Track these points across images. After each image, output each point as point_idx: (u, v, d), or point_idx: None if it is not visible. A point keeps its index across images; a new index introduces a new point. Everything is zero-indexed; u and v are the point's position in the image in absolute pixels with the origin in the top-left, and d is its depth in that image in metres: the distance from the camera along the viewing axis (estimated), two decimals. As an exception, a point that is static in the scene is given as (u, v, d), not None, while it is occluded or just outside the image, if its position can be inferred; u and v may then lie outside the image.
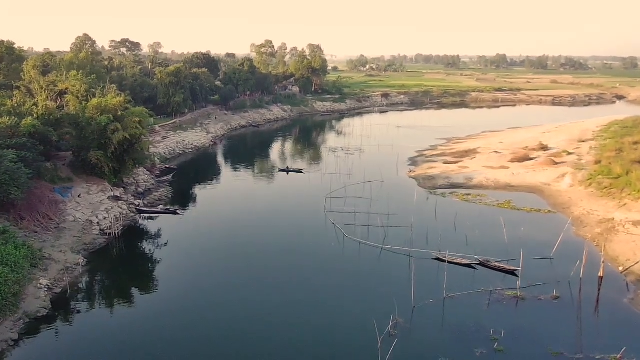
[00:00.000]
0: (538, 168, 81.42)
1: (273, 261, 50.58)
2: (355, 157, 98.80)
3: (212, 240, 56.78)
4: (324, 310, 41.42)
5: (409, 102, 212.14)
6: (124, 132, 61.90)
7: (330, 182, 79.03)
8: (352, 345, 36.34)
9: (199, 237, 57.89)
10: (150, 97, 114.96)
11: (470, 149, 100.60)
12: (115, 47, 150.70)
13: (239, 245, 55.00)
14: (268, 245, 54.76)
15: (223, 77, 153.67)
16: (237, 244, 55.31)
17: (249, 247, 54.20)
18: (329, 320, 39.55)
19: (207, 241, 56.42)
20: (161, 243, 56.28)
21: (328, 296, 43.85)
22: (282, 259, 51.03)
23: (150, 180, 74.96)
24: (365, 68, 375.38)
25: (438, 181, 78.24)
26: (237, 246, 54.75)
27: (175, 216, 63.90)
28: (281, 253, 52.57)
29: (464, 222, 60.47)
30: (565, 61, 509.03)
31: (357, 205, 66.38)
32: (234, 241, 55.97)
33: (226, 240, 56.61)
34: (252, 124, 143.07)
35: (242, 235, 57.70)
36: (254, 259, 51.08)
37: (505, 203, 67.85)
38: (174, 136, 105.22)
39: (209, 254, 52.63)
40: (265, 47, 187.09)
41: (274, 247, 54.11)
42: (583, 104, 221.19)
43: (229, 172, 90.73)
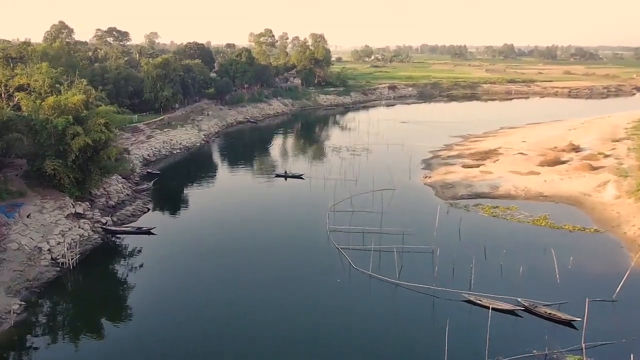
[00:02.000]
0: (573, 174, 70.65)
1: (261, 304, 40.23)
2: (361, 159, 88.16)
3: (189, 270, 46.37)
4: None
5: (417, 95, 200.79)
6: (85, 136, 51.42)
7: (334, 190, 68.64)
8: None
9: (175, 265, 47.51)
10: (136, 92, 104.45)
11: (490, 149, 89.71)
12: (101, 37, 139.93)
13: (223, 280, 44.91)
14: (257, 280, 44.31)
15: (219, 69, 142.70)
16: (221, 277, 45.19)
17: (234, 282, 44.11)
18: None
19: (184, 271, 46.13)
20: (129, 273, 46.14)
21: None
22: (273, 300, 40.66)
23: (126, 190, 64.53)
24: (371, 59, 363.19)
25: (459, 190, 67.58)
26: (221, 281, 44.59)
27: (151, 236, 53.60)
28: (273, 290, 42.23)
29: (496, 245, 49.87)
30: (575, 51, 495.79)
31: (365, 222, 55.95)
32: (218, 273, 45.73)
33: (207, 272, 46.19)
34: (250, 119, 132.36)
35: (227, 266, 47.40)
36: (240, 300, 40.86)
37: (542, 219, 57.19)
38: (161, 135, 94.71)
39: (184, 290, 42.34)
40: (264, 36, 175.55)
41: (265, 282, 43.74)
42: (601, 96, 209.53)
43: (219, 177, 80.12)
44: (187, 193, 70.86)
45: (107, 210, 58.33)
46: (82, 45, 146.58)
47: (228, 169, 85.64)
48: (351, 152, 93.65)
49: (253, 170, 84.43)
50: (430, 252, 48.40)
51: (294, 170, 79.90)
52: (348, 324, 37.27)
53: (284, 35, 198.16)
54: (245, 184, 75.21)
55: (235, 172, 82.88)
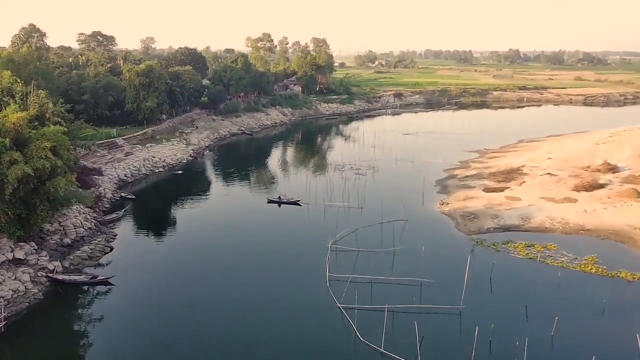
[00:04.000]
0: (617, 201, 60.11)
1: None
2: (367, 179, 77.66)
3: (152, 336, 36.03)
4: None
5: (424, 103, 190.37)
6: (25, 164, 41.16)
7: (336, 220, 58.56)
8: None
9: (137, 329, 37.19)
10: (117, 102, 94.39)
11: (513, 168, 79.23)
12: (84, 42, 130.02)
13: (193, 349, 34.34)
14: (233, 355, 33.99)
15: (212, 76, 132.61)
16: (190, 346, 34.63)
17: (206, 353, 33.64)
18: None
19: (147, 338, 35.79)
20: (74, 343, 35.88)
21: None
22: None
23: (87, 222, 54.12)
24: (374, 64, 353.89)
25: (484, 222, 57.02)
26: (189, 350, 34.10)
27: (109, 287, 43.25)
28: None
29: (540, 304, 39.57)
30: (583, 56, 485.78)
31: (373, 265, 45.46)
32: (188, 341, 35.20)
33: (175, 341, 35.74)
34: (245, 131, 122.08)
35: (200, 330, 36.92)
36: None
37: (589, 263, 46.66)
38: (142, 151, 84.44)
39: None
40: (262, 41, 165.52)
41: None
42: (617, 104, 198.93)
43: (204, 203, 69.41)
44: (163, 223, 60.39)
45: (60, 251, 47.98)
46: (66, 50, 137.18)
47: (216, 191, 75.12)
48: (355, 170, 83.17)
49: (244, 194, 73.80)
50: (457, 314, 38.06)
51: (290, 193, 69.38)
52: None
53: (284, 40, 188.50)
54: (232, 212, 64.59)
55: (223, 196, 72.31)
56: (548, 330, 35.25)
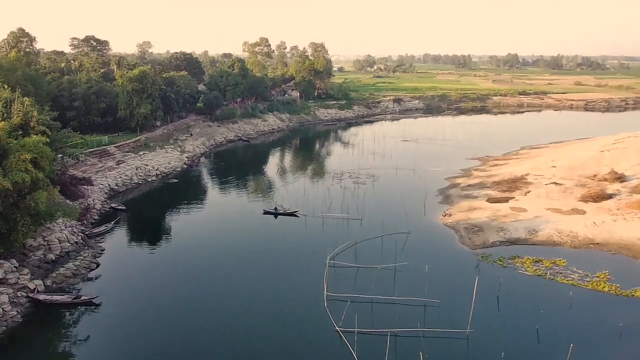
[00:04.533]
0: (627, 213, 57.70)
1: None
2: (367, 188, 75.18)
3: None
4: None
5: (423, 108, 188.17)
6: (4, 178, 38.68)
7: (335, 233, 56.30)
8: None
9: (120, 351, 34.67)
10: (110, 108, 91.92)
11: (517, 177, 76.82)
12: (77, 46, 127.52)
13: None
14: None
15: (208, 81, 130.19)
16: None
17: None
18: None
19: None
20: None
21: None
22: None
23: (74, 237, 51.55)
24: (373, 68, 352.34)
25: (489, 235, 54.58)
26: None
27: (94, 308, 40.74)
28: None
29: (553, 327, 37.08)
30: (582, 61, 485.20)
31: (374, 283, 43.04)
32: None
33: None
34: (242, 137, 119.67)
35: (189, 354, 34.42)
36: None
37: (602, 280, 44.20)
38: (134, 159, 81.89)
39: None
40: (260, 45, 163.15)
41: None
42: (619, 110, 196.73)
43: (198, 213, 66.84)
44: (154, 237, 57.82)
45: (43, 268, 45.50)
46: (59, 55, 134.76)
47: (210, 201, 72.48)
48: (354, 179, 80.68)
49: (239, 204, 71.09)
50: (464, 338, 35.58)
51: (287, 204, 66.97)
52: None
53: (282, 45, 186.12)
54: (227, 224, 61.96)
55: (217, 207, 69.67)
56: (562, 357, 32.78)
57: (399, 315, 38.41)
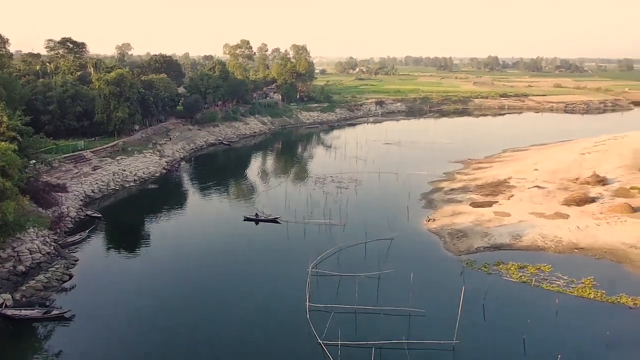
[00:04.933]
0: (610, 217, 57.53)
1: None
2: (350, 193, 74.15)
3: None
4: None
5: (406, 110, 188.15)
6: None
7: (317, 240, 55.43)
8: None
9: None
10: (87, 112, 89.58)
11: (500, 180, 76.53)
12: (53, 48, 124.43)
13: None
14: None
15: (188, 84, 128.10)
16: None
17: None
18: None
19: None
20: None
21: None
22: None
23: (45, 247, 49.62)
24: (355, 71, 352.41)
25: (473, 240, 53.92)
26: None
27: (65, 323, 39.00)
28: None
29: (539, 336, 36.38)
30: (561, 63, 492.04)
31: (358, 292, 41.86)
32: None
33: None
34: (223, 141, 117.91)
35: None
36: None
37: (586, 287, 43.72)
38: (111, 164, 79.79)
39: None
40: (241, 48, 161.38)
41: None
42: (597, 111, 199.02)
43: (176, 220, 64.90)
44: (131, 245, 55.95)
45: (12, 280, 43.59)
46: (34, 57, 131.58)
47: (189, 208, 70.63)
48: (337, 183, 79.60)
49: (219, 210, 69.39)
50: (450, 349, 34.69)
51: (268, 210, 65.65)
52: None
53: (263, 47, 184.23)
54: (206, 232, 60.24)
55: (196, 214, 67.88)
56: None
57: (384, 326, 37.36)
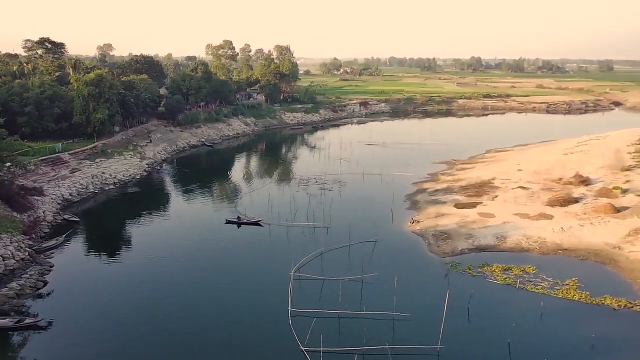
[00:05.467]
0: (594, 217, 57.53)
1: None
2: (334, 195, 73.38)
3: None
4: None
5: (390, 111, 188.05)
6: None
7: (300, 242, 54.72)
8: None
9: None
10: (65, 114, 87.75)
11: (484, 181, 76.40)
12: (31, 49, 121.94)
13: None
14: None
15: (170, 85, 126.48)
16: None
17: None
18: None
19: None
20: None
21: None
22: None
23: (20, 252, 48.10)
24: (340, 72, 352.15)
25: (458, 242, 53.49)
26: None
27: (38, 332, 37.64)
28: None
29: (524, 339, 35.99)
30: (543, 64, 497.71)
31: (341, 296, 41.08)
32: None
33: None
34: (206, 142, 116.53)
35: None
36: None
37: (571, 288, 43.47)
38: (90, 167, 78.15)
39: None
40: (224, 48, 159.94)
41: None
42: (579, 112, 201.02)
43: (154, 224, 63.35)
44: (109, 250, 54.51)
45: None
46: (12, 58, 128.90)
47: (169, 211, 69.24)
48: (321, 185, 78.85)
49: (200, 213, 68.08)
50: (435, 354, 34.11)
51: (251, 212, 64.70)
52: None
53: (246, 48, 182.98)
54: (187, 235, 58.81)
55: (177, 217, 66.46)
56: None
57: (367, 331, 36.57)
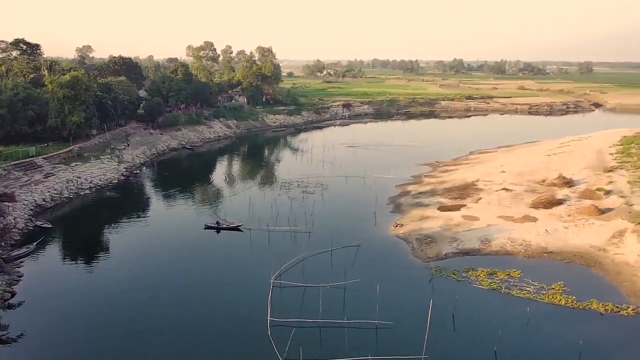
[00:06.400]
0: (578, 219, 56.99)
1: None
2: (316, 198, 72.09)
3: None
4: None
5: (373, 113, 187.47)
6: None
7: (282, 248, 53.36)
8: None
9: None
10: (40, 117, 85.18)
11: (467, 183, 75.73)
12: (5, 50, 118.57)
13: None
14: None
15: (149, 87, 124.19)
16: None
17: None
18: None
19: None
20: None
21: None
22: None
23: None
24: (323, 73, 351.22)
25: (442, 246, 52.49)
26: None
27: (4, 345, 35.67)
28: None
29: (511, 347, 35.10)
30: (524, 66, 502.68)
31: (323, 303, 39.55)
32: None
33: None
34: (186, 145, 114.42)
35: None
36: None
37: (557, 293, 42.65)
38: (65, 172, 75.80)
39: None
40: (205, 49, 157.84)
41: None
42: (560, 113, 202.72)
43: (130, 230, 61.21)
44: (82, 258, 52.43)
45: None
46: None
47: (148, 216, 67.31)
48: (303, 188, 77.49)
49: (179, 218, 65.91)
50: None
51: (231, 217, 63.08)
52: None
53: (228, 49, 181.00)
54: (165, 241, 56.90)
55: (155, 222, 64.52)
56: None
57: (349, 341, 35.33)
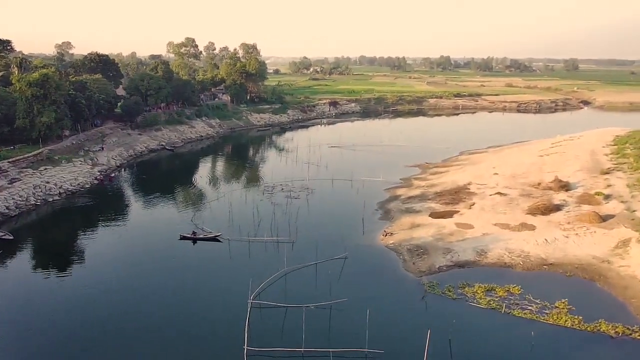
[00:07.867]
0: (579, 227, 53.64)
1: None
2: (301, 204, 68.06)
3: None
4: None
5: (360, 111, 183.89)
6: None
7: (262, 260, 49.38)
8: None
9: None
10: (7, 117, 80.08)
11: (459, 186, 72.22)
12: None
13: None
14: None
15: (128, 85, 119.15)
16: None
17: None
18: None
19: None
20: None
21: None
22: None
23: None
24: (309, 71, 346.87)
25: (435, 258, 48.80)
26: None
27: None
28: None
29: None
30: (510, 63, 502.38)
31: (307, 327, 35.56)
32: None
33: None
34: (166, 146, 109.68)
35: None
36: None
37: (561, 312, 39.11)
38: (32, 176, 70.97)
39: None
40: (186, 46, 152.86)
41: None
42: (549, 110, 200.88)
43: (99, 241, 56.39)
44: (46, 271, 48.05)
45: None
46: None
47: (119, 224, 62.78)
48: (287, 192, 73.46)
49: (153, 227, 61.39)
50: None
51: (209, 226, 58.86)
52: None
53: (210, 46, 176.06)
54: (136, 253, 52.51)
55: (127, 232, 59.94)
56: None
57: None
